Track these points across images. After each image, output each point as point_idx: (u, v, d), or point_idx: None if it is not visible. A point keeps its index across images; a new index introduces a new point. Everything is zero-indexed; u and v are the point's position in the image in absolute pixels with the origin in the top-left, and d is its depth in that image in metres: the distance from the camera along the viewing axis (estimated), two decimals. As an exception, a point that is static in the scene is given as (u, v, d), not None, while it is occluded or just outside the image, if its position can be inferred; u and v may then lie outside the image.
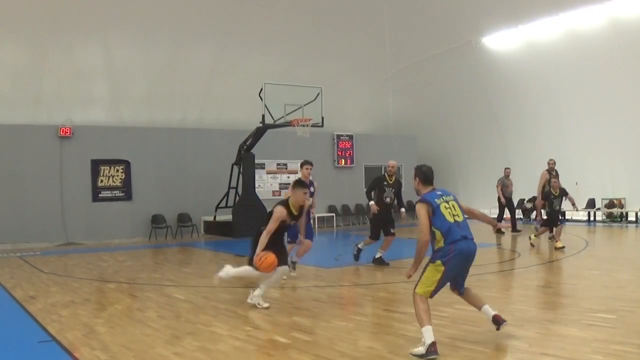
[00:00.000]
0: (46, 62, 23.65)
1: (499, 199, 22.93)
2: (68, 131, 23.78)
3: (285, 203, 10.16)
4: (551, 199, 18.14)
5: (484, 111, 31.64)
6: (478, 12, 27.93)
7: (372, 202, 14.98)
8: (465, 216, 7.69)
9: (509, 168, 23.59)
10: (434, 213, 7.39)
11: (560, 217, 18.52)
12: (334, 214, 30.23)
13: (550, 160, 19.78)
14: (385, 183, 15.04)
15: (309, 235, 13.12)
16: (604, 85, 26.19)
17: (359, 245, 15.35)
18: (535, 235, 18.22)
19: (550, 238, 18.62)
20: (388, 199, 15.05)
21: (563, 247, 16.95)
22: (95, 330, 8.63)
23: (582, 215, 27.75)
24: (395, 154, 31.82)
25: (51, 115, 24.27)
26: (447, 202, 7.53)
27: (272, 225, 9.88)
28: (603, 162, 26.83)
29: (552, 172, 19.56)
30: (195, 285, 12.68)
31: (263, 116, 23.26)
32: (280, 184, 29.17)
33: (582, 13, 25.92)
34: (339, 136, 31.21)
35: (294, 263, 13.06)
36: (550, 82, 28.09)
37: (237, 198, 24.98)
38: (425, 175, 7.78)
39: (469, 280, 7.82)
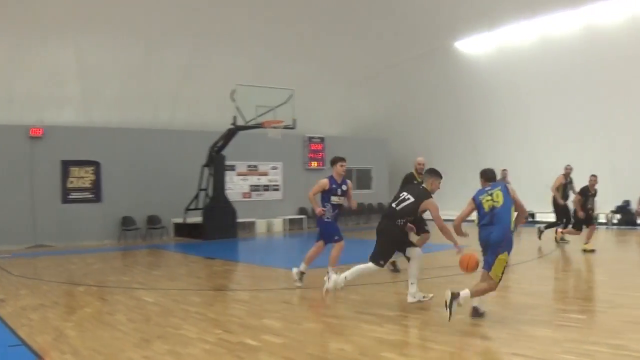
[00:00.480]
0: (18, 62, 23.54)
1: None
2: (39, 132, 23.57)
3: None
4: (588, 195, 17.60)
5: (456, 114, 31.85)
6: (452, 16, 28.15)
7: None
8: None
9: (505, 169, 23.52)
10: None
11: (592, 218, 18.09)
12: (304, 216, 30.22)
13: (568, 166, 19.72)
14: (416, 182, 13.41)
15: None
16: (575, 90, 26.48)
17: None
18: (562, 232, 18.39)
19: (561, 239, 18.92)
20: None
21: (593, 249, 16.82)
22: (65, 334, 8.58)
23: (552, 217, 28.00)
24: (367, 156, 32.02)
25: (22, 115, 24.07)
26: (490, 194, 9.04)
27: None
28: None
29: (567, 177, 19.61)
30: (164, 288, 12.64)
31: (234, 117, 23.27)
32: (250, 185, 29.08)
33: (556, 18, 26.27)
34: (310, 138, 31.14)
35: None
36: (521, 86, 28.43)
37: (207, 200, 24.93)
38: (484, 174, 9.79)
39: (439, 281, 7.89)
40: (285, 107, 23.78)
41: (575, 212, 17.66)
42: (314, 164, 31.18)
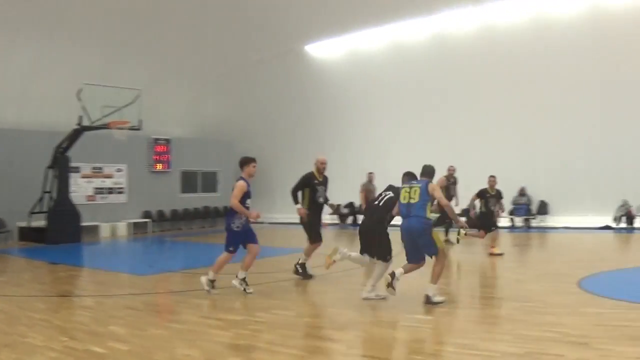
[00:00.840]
0: None
1: (361, 206, 22.65)
2: None
3: None
4: (487, 197, 17.37)
5: (306, 117, 32.23)
6: (302, 20, 28.49)
7: (298, 206, 13.24)
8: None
9: (372, 172, 23.83)
10: None
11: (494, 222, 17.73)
12: (149, 220, 29.83)
13: (451, 167, 20.01)
14: (316, 182, 13.47)
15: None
16: (423, 96, 27.49)
17: (301, 261, 13.40)
18: (465, 234, 18.19)
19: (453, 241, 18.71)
20: (321, 199, 13.53)
21: (502, 253, 16.94)
22: None
23: (396, 220, 28.75)
24: (213, 159, 31.92)
25: None
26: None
27: None
28: (416, 171, 27.82)
29: (450, 178, 19.93)
30: (9, 294, 12.22)
31: (80, 117, 22.79)
32: (95, 188, 28.34)
33: (406, 25, 27.23)
34: (156, 140, 30.75)
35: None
36: (371, 90, 29.32)
37: (52, 203, 24.18)
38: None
39: (286, 285, 8.03)
40: (131, 107, 23.52)
41: (468, 212, 18.16)
42: (159, 166, 30.82)
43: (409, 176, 11.03)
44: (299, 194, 13.41)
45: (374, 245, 10.98)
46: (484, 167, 20.31)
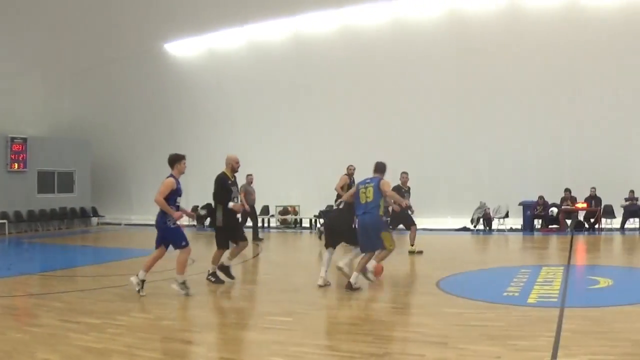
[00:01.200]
0: None
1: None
2: None
3: None
4: (402, 192, 17.34)
5: (164, 118, 31.93)
6: (161, 18, 28.20)
7: (231, 204, 12.65)
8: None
9: (251, 174, 23.51)
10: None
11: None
12: (5, 221, 28.75)
13: (350, 166, 19.97)
14: (230, 182, 12.94)
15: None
16: (282, 95, 27.69)
17: (224, 263, 12.91)
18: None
19: None
20: (236, 200, 13.01)
21: (421, 251, 17.19)
22: None
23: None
24: (70, 158, 31.13)
25: None
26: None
27: None
28: (276, 171, 27.99)
29: (351, 177, 19.91)
30: None
31: None
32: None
33: (266, 26, 27.39)
34: (12, 139, 29.68)
35: None
36: (228, 90, 29.27)
37: None
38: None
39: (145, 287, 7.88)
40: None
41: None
42: (16, 166, 29.78)
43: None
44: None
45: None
46: (340, 167, 20.53)
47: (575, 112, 24.65)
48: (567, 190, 24.25)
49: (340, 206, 12.75)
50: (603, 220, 24.40)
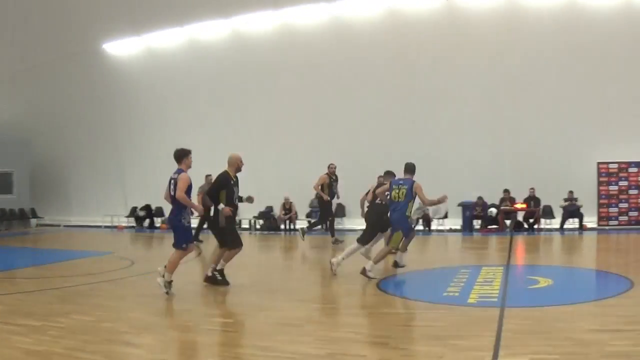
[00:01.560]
0: None
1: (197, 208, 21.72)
2: None
3: None
4: (331, 181, 18.77)
5: (103, 118, 31.49)
6: (100, 18, 27.90)
7: (221, 206, 12.03)
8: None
9: (210, 175, 22.95)
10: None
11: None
12: None
13: (331, 164, 19.79)
14: (232, 182, 12.35)
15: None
16: (221, 95, 27.61)
17: (218, 268, 12.41)
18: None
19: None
20: (237, 201, 12.56)
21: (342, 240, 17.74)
22: None
23: (195, 222, 28.64)
24: (7, 159, 30.57)
25: None
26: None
27: None
28: (216, 172, 27.67)
29: (332, 176, 19.74)
30: None
31: None
32: None
33: (205, 26, 27.41)
34: (-48, 138, 29.02)
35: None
36: (167, 90, 29.14)
37: None
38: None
39: (84, 289, 7.80)
40: None
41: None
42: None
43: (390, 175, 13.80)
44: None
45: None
46: (276, 169, 20.52)
47: (515, 114, 24.95)
48: (506, 191, 24.52)
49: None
50: (542, 220, 24.75)
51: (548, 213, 24.68)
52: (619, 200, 24.66)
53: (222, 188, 12.17)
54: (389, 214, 13.13)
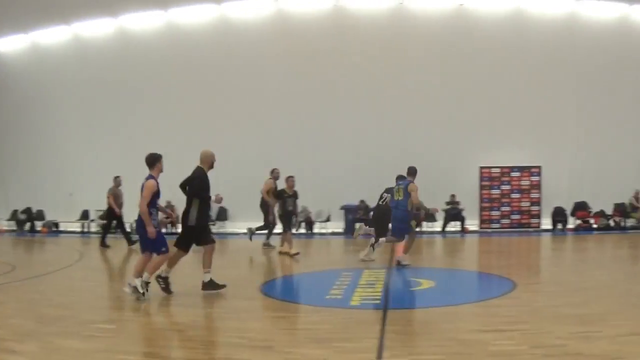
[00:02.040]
0: None
1: (111, 210, 21.19)
2: None
3: None
4: (285, 197, 18.00)
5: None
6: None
7: (214, 196, 11.75)
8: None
9: (119, 176, 22.15)
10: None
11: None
12: None
13: (275, 169, 19.39)
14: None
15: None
16: (106, 94, 27.30)
17: (207, 279, 11.75)
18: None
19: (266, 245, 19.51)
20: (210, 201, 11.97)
21: (298, 252, 17.64)
22: None
23: (76, 226, 28.19)
24: None
25: None
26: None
27: None
28: (96, 174, 27.00)
29: (276, 180, 19.28)
30: None
31: None
32: None
33: (90, 24, 27.35)
34: None
35: None
36: (51, 89, 28.51)
37: None
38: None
39: None
40: None
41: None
42: None
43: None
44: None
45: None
46: (167, 170, 20.29)
47: (396, 118, 25.51)
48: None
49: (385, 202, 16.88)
50: (424, 223, 25.25)
51: (430, 216, 25.21)
52: (501, 204, 25.46)
53: (206, 184, 11.65)
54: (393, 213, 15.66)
